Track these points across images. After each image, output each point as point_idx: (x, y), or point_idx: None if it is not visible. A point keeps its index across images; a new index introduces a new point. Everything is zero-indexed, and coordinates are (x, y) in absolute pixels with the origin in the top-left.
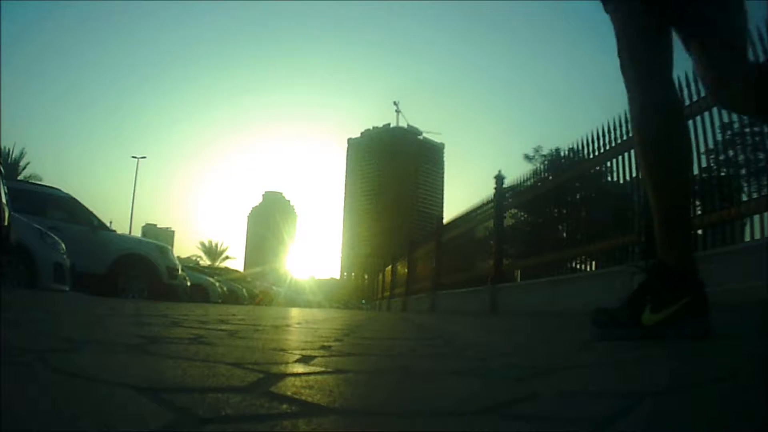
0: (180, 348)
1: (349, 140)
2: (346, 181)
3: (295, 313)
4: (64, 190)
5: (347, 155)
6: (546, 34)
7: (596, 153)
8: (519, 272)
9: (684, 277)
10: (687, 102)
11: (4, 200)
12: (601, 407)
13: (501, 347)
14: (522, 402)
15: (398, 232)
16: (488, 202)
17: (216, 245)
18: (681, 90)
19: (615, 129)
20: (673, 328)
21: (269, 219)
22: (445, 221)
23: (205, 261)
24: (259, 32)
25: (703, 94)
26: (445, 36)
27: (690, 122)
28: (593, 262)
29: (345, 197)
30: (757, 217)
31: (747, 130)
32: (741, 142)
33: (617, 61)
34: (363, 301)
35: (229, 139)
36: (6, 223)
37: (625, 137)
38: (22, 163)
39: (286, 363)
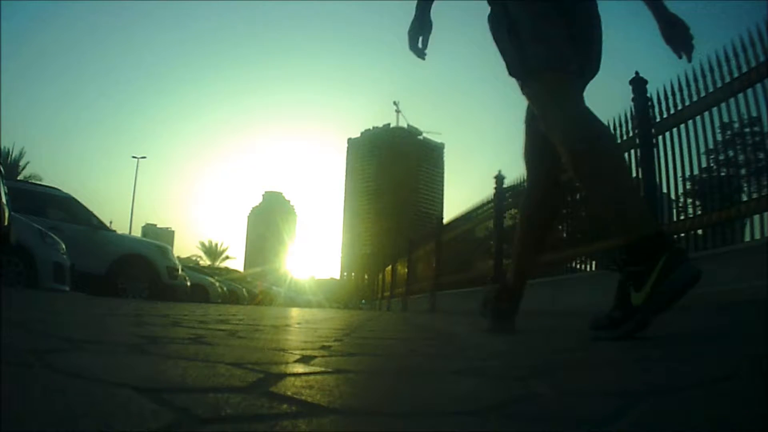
0: (180, 348)
1: (349, 140)
2: (346, 181)
3: (295, 313)
4: (64, 190)
5: (347, 155)
6: None
7: None
8: None
9: (649, 243)
10: (687, 102)
11: (4, 200)
12: (602, 407)
13: (501, 347)
14: (522, 402)
15: (398, 232)
16: (488, 202)
17: (216, 245)
18: (681, 90)
19: (614, 129)
20: (664, 290)
21: (269, 219)
22: (445, 221)
23: (205, 261)
24: (259, 32)
25: (703, 95)
26: (445, 36)
27: (690, 122)
28: (593, 262)
29: (345, 197)
30: (757, 217)
31: (747, 130)
32: (741, 142)
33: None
34: (363, 301)
35: (229, 139)
36: (6, 223)
37: (624, 137)
38: (22, 163)
39: (286, 363)
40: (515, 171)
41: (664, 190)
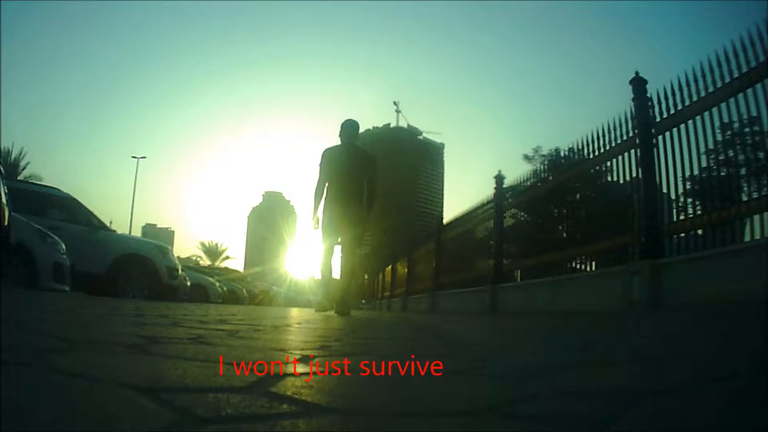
0: (180, 348)
1: None
2: None
3: (294, 314)
4: (64, 190)
5: None
6: (546, 33)
7: (596, 153)
8: (519, 272)
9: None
10: (687, 102)
11: (4, 200)
12: (601, 407)
13: (501, 347)
14: (522, 402)
15: (398, 232)
16: (488, 202)
17: (216, 245)
18: (681, 90)
19: (615, 129)
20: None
21: (269, 219)
22: (445, 221)
23: (205, 261)
24: (259, 32)
25: (703, 95)
26: (444, 36)
27: (690, 122)
28: (593, 262)
29: None
30: (757, 217)
31: (747, 130)
32: (741, 142)
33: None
34: (363, 301)
35: (229, 139)
36: (6, 223)
37: (625, 137)
38: (22, 163)
39: (286, 363)
40: (515, 171)
41: (664, 190)
